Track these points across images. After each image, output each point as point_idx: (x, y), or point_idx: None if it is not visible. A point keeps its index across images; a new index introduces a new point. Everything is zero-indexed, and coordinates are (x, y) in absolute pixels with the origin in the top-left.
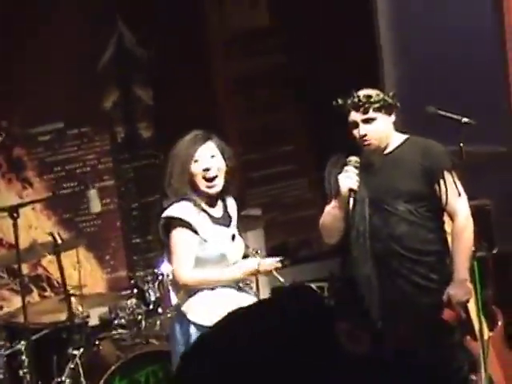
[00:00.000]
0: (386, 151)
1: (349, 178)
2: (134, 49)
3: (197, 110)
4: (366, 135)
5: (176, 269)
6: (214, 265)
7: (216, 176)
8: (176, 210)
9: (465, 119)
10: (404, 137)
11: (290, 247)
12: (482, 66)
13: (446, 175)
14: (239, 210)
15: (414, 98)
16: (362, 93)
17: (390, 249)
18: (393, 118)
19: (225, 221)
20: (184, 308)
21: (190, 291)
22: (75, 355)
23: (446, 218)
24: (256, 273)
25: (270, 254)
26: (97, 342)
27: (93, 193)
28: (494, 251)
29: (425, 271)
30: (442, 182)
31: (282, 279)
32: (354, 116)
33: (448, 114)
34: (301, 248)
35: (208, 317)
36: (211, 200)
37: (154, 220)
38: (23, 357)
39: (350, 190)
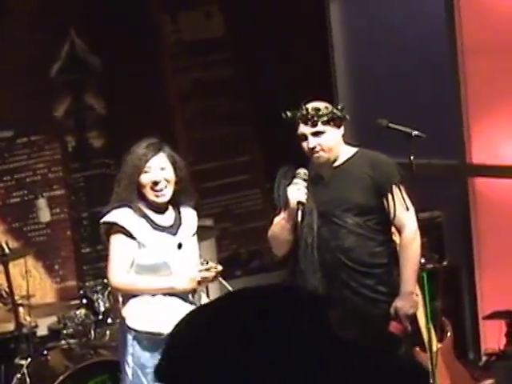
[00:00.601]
0: (336, 164)
1: (297, 191)
2: (86, 57)
3: (149, 119)
4: (315, 147)
5: (108, 272)
6: (156, 272)
7: (163, 188)
8: (113, 215)
9: (415, 132)
10: (354, 150)
11: (242, 258)
12: (433, 79)
13: (395, 189)
14: None
15: (365, 110)
16: (311, 105)
17: (338, 261)
18: (342, 130)
19: (172, 229)
20: (124, 313)
21: (128, 296)
22: (22, 365)
23: (394, 230)
24: (195, 285)
25: (221, 265)
26: (45, 352)
27: (42, 202)
28: (445, 263)
29: (373, 283)
30: (390, 195)
31: (231, 289)
32: (303, 128)
33: (398, 127)
34: (252, 259)
35: (142, 322)
36: (159, 208)
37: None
38: None
39: (299, 202)
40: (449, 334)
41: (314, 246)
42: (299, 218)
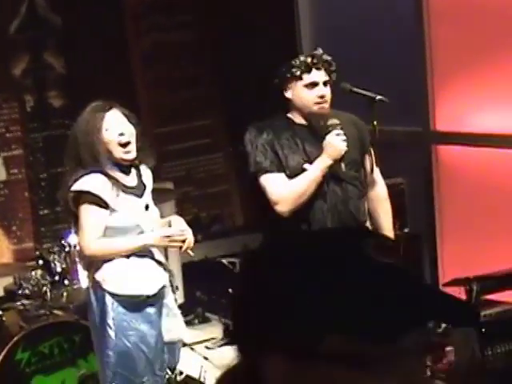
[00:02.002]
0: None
1: (341, 141)
2: (47, 15)
3: (110, 80)
4: (324, 96)
5: (82, 241)
6: (128, 234)
7: (129, 141)
8: (85, 183)
9: (379, 97)
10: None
11: (203, 222)
12: (398, 45)
13: (370, 146)
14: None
15: None
16: (323, 54)
17: (349, 221)
18: None
19: (138, 190)
20: (98, 277)
21: (101, 261)
22: None
23: None
24: (162, 243)
25: None
26: (0, 313)
27: None
28: (406, 230)
29: None
30: (368, 152)
31: (192, 254)
32: (316, 75)
33: (362, 91)
34: (214, 223)
35: (121, 286)
36: (124, 168)
37: (62, 191)
38: None
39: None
40: None
41: (330, 205)
42: (343, 169)
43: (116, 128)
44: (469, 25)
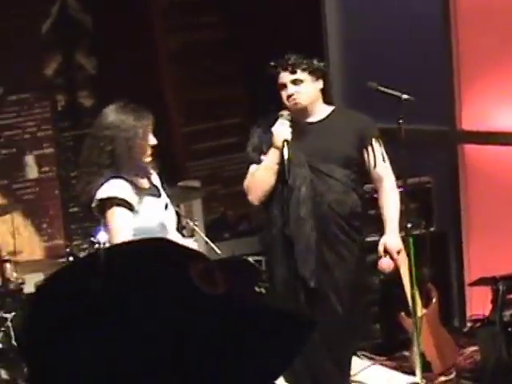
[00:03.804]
0: (317, 119)
1: (283, 129)
2: (78, 15)
3: (139, 80)
4: (293, 95)
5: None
6: (156, 234)
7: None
8: (111, 188)
9: (405, 96)
10: (331, 107)
11: (230, 221)
12: (425, 44)
13: (375, 141)
14: (177, 181)
15: (355, 74)
16: (292, 55)
17: (331, 212)
18: (320, 83)
19: (154, 191)
20: None
21: None
22: (6, 318)
23: None
24: None
25: (209, 227)
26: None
27: (29, 158)
28: (432, 229)
29: (353, 235)
30: (370, 147)
31: (219, 251)
32: (283, 76)
33: (388, 90)
34: (240, 222)
35: None
36: (147, 170)
37: (84, 198)
38: None
39: (285, 140)
40: (434, 300)
41: (309, 196)
42: (286, 157)
43: (151, 137)
44: (495, 24)
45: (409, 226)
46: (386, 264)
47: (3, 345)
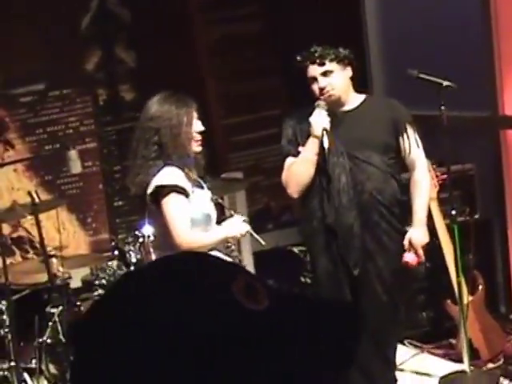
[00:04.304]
0: (350, 108)
1: (322, 118)
2: (117, 10)
3: (179, 73)
4: (325, 87)
5: (177, 233)
6: (203, 225)
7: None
8: (167, 175)
9: (446, 82)
10: (363, 96)
11: (273, 211)
12: (465, 29)
13: (409, 127)
14: (220, 173)
15: (395, 61)
16: (318, 47)
17: (373, 200)
18: (349, 71)
19: (199, 183)
20: None
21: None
22: (54, 313)
23: None
24: (242, 230)
25: (253, 218)
26: (78, 303)
27: (73, 153)
28: (476, 216)
29: (395, 222)
30: (405, 133)
31: (263, 242)
32: (312, 70)
33: (429, 77)
34: (284, 212)
35: None
36: (189, 163)
37: (137, 186)
38: (4, 316)
39: (324, 129)
40: (480, 287)
41: (349, 185)
42: (326, 145)
43: (197, 123)
44: None
45: (453, 213)
46: (410, 259)
47: (51, 339)
